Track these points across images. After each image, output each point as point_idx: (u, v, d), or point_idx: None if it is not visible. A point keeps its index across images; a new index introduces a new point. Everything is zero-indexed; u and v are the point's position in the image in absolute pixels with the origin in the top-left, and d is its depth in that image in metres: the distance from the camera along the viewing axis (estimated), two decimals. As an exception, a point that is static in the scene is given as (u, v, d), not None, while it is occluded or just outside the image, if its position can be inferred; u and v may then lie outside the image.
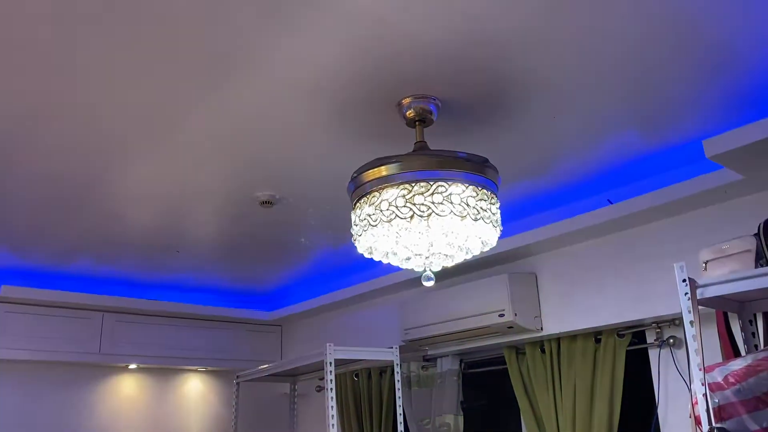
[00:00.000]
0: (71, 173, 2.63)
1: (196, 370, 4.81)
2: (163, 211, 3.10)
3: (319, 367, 3.70)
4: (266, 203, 2.99)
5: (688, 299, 1.85)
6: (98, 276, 4.14)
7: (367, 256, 2.11)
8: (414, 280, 3.74)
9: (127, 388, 4.51)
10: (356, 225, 2.02)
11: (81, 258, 3.77)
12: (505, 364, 3.51)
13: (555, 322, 3.20)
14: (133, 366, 4.44)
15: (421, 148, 2.06)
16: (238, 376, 4.18)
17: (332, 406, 3.03)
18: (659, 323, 2.96)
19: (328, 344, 3.15)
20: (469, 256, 2.04)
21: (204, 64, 1.91)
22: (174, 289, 4.53)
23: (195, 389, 4.82)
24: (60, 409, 4.18)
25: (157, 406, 4.61)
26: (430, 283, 2.00)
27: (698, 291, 1.86)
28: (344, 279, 4.31)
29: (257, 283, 4.52)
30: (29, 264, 3.85)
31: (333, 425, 2.99)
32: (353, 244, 2.09)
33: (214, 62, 1.90)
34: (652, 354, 3.02)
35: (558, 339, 3.27)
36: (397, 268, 3.84)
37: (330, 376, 3.09)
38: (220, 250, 3.75)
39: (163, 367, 4.58)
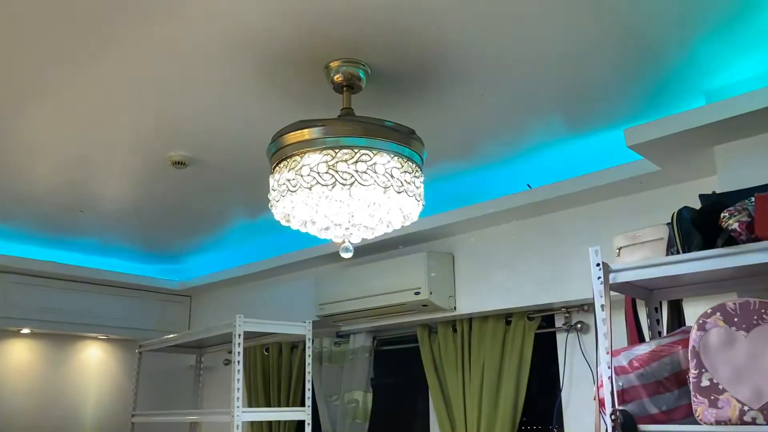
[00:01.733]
0: (-39, 116, 2.39)
1: (96, 338, 4.57)
2: (65, 166, 2.88)
3: (228, 340, 3.58)
4: (179, 164, 2.83)
5: (601, 283, 1.87)
6: (-10, 232, 3.84)
7: (284, 223, 2.02)
8: (330, 255, 3.67)
9: (19, 354, 4.22)
10: (274, 190, 1.93)
11: (-29, 212, 3.47)
12: (417, 342, 3.52)
13: (468, 303, 3.21)
14: (26, 330, 4.16)
15: (347, 114, 1.98)
16: (141, 346, 3.99)
17: (238, 379, 2.93)
18: (568, 308, 3.03)
19: (237, 316, 3.04)
20: (389, 230, 1.99)
21: (111, 6, 1.75)
22: (76, 251, 4.26)
23: (94, 358, 4.59)
24: (-60, 373, 3.87)
25: (52, 375, 4.35)
26: (348, 255, 1.94)
27: (611, 275, 1.88)
28: (260, 250, 4.18)
29: (167, 249, 4.32)
30: None
31: (238, 398, 2.90)
32: (271, 211, 2.00)
33: (122, 5, 1.74)
34: (560, 338, 3.09)
35: (470, 319, 3.29)
36: (314, 242, 3.75)
37: (238, 349, 2.99)
38: (128, 212, 3.54)
39: (61, 333, 4.31)
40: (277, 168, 1.92)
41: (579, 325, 3.01)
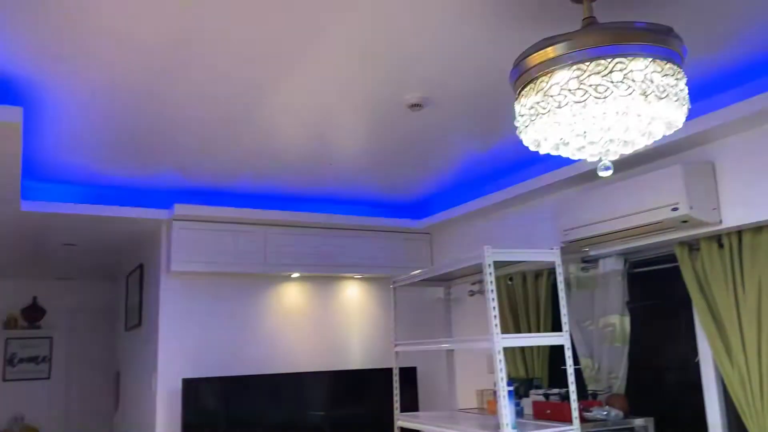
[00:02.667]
0: (230, 93, 2.70)
1: (353, 278, 5.00)
2: (315, 124, 3.13)
3: (473, 271, 3.68)
4: (415, 106, 2.92)
5: None
6: (259, 192, 4.35)
7: (533, 149, 1.98)
8: (572, 177, 3.56)
9: (292, 296, 4.79)
10: (522, 116, 1.89)
11: (243, 175, 3.95)
12: (675, 261, 3.29)
13: (736, 214, 2.91)
14: (295, 275, 4.69)
15: (590, 24, 1.86)
16: (394, 282, 4.28)
17: (494, 307, 3.00)
18: None
19: (485, 246, 3.10)
20: (650, 141, 1.86)
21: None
22: (328, 201, 4.67)
23: (353, 295, 5.03)
24: (233, 316, 4.53)
25: (320, 311, 4.88)
26: (607, 173, 1.85)
27: None
28: (493, 183, 4.20)
29: (406, 191, 4.53)
30: (196, 183, 4.10)
31: (496, 324, 2.98)
32: (506, 143, 1.97)
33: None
34: None
35: (739, 232, 2.98)
36: (552, 167, 3.66)
37: (490, 278, 3.05)
38: (370, 159, 3.76)
39: (323, 275, 4.80)
40: (523, 93, 1.88)
41: None
